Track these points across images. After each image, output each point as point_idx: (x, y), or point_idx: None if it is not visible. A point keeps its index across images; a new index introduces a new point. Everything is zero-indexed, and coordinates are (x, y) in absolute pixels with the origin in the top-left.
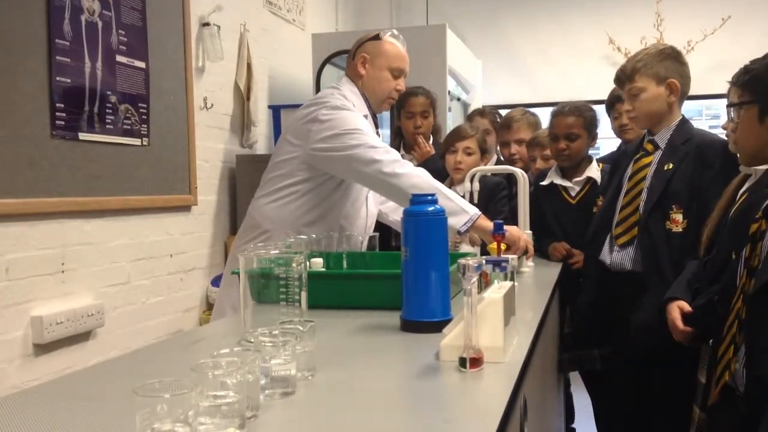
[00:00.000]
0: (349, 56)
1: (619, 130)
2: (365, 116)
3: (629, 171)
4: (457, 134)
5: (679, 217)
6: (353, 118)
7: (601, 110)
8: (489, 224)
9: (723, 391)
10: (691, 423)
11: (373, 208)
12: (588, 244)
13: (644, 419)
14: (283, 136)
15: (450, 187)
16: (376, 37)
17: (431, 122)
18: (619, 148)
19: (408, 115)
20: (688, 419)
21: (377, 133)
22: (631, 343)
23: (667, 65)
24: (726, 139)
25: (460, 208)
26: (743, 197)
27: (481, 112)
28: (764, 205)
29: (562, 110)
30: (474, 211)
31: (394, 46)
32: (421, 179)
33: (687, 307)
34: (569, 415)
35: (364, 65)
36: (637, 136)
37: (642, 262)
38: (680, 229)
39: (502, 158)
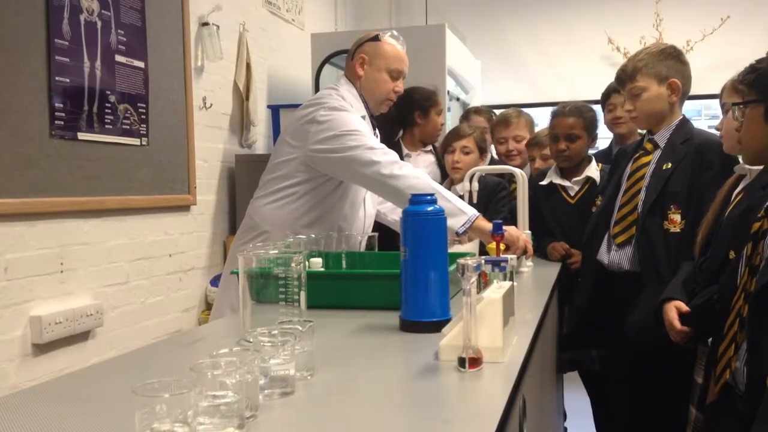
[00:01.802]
0: (348, 56)
1: (612, 123)
2: (363, 117)
3: (628, 170)
4: (455, 134)
5: (677, 217)
6: (352, 119)
7: (600, 110)
8: (488, 225)
9: (722, 389)
10: (688, 423)
11: (371, 209)
12: (585, 244)
13: (642, 419)
14: (282, 137)
15: (449, 187)
16: (376, 38)
17: None
18: (610, 145)
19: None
20: (686, 419)
21: (375, 134)
22: (627, 343)
23: (668, 65)
24: None
25: (458, 209)
26: (738, 198)
27: (477, 110)
28: (766, 204)
29: (562, 111)
30: (472, 212)
31: (393, 47)
32: (420, 180)
33: (684, 307)
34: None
35: (363, 66)
36: (629, 130)
37: (640, 262)
38: (678, 230)
39: (496, 156)
